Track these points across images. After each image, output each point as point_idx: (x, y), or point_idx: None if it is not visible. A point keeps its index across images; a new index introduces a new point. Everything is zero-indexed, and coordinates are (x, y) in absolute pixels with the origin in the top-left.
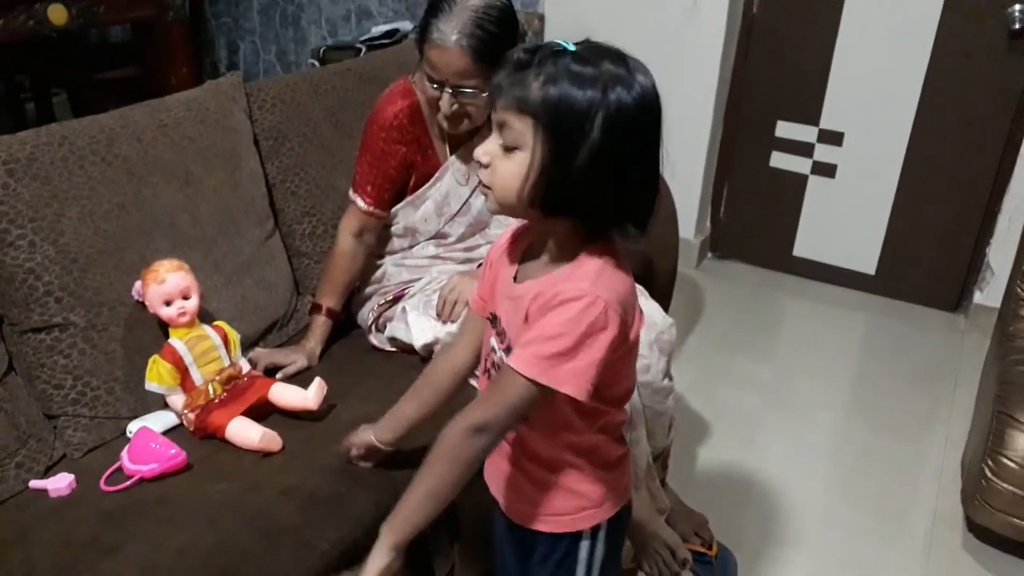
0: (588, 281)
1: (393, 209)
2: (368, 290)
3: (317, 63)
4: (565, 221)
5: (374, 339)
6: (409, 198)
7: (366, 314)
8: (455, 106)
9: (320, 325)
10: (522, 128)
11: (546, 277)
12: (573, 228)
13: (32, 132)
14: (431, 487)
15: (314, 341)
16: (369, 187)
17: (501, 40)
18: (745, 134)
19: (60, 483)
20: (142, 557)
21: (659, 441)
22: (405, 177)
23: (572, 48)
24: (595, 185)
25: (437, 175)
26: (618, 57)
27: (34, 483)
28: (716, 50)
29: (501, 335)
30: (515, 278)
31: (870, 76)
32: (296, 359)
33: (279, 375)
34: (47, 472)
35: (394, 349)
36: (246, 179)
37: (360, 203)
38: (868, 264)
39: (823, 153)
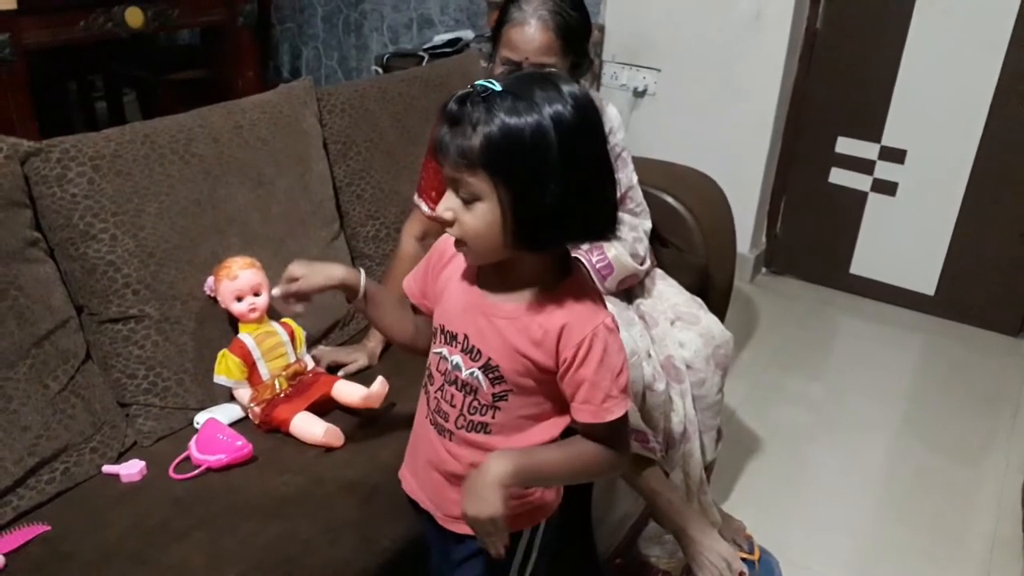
0: (600, 310)
1: None
2: None
3: (380, 70)
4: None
5: None
6: None
7: None
8: None
9: None
10: (475, 180)
11: (559, 308)
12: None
13: (116, 130)
14: (574, 472)
15: (375, 341)
16: (434, 192)
17: (578, 22)
18: (804, 149)
19: (132, 469)
20: (210, 543)
21: (707, 455)
22: None
23: (498, 87)
24: (570, 207)
25: None
26: (543, 79)
27: (107, 468)
28: (778, 64)
29: (471, 353)
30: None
31: (936, 93)
32: (357, 358)
33: (341, 373)
34: (119, 458)
35: None
36: (315, 182)
37: (424, 208)
38: (927, 284)
39: (884, 170)
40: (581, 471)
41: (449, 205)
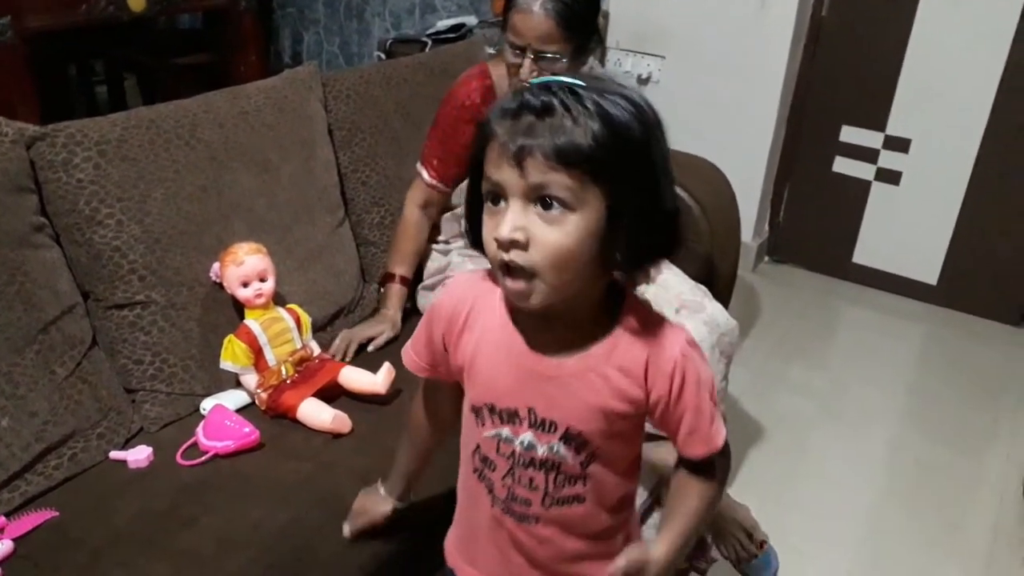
0: (674, 327)
1: (458, 188)
2: (431, 281)
3: (383, 55)
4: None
5: None
6: None
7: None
8: (535, 72)
9: (396, 293)
10: (572, 184)
11: (633, 343)
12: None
13: (122, 115)
14: (704, 522)
15: (393, 308)
16: (435, 160)
17: (584, 8)
18: (808, 137)
19: (139, 455)
20: (218, 529)
21: None
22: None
23: (580, 81)
24: (669, 213)
25: None
26: (596, 79)
27: (114, 454)
28: (782, 52)
29: (543, 427)
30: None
31: (942, 83)
32: (382, 329)
33: (370, 347)
34: (126, 444)
35: None
36: (320, 168)
37: (425, 175)
38: (930, 274)
39: (888, 160)
40: (706, 517)
41: (518, 223)
